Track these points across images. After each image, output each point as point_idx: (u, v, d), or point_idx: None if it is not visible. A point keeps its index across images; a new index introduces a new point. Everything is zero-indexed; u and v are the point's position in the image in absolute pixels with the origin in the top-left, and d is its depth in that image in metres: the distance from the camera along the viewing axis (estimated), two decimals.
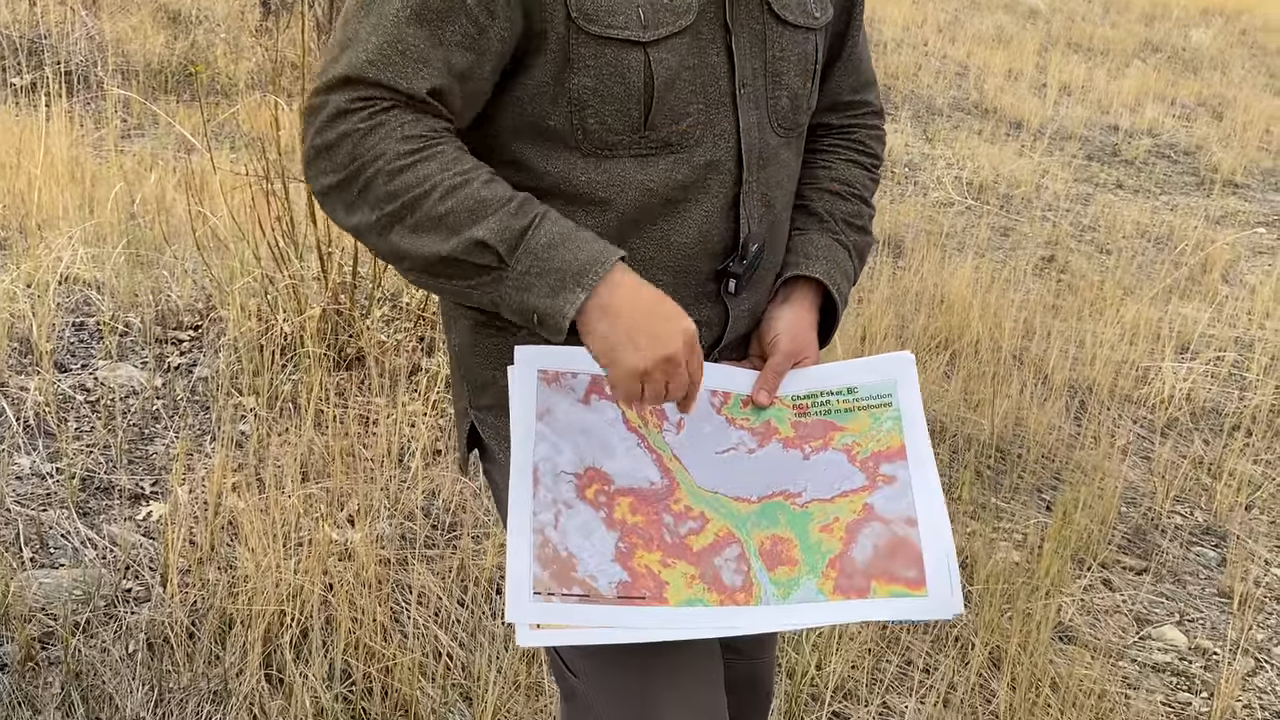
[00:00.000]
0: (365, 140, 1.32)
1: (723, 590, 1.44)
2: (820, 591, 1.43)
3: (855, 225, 1.65)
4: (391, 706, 2.48)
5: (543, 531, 1.42)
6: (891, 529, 1.46)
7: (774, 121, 1.51)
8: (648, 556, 1.44)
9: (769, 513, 1.49)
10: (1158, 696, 2.90)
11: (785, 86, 1.51)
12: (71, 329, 3.85)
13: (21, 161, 4.98)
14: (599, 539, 1.44)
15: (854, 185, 1.66)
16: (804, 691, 2.64)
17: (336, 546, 2.85)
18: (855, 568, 1.44)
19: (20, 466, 3.13)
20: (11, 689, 2.42)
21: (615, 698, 1.53)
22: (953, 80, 9.73)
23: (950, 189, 7.05)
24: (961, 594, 1.44)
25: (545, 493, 1.44)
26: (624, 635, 1.41)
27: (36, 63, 7.06)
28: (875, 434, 1.52)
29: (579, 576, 1.41)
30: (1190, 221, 6.91)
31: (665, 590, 1.43)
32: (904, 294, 5.01)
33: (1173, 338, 5.00)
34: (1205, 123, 9.46)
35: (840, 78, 1.67)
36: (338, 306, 3.71)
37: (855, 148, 1.69)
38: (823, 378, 1.56)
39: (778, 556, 1.46)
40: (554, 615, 1.40)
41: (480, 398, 1.59)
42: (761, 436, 1.52)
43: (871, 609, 1.43)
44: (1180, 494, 3.89)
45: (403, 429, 3.39)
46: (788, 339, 1.55)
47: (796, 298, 1.58)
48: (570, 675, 1.57)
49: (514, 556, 1.41)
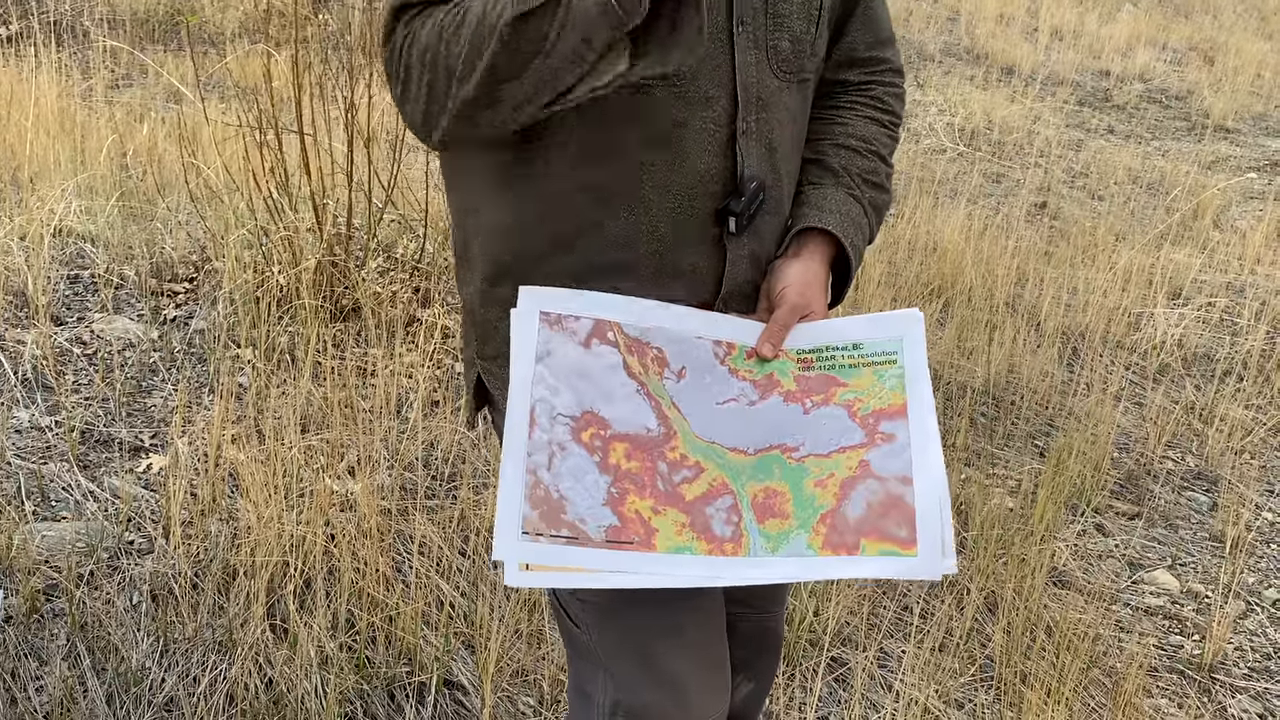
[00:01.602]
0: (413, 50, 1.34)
1: (712, 540, 1.44)
2: (810, 546, 1.43)
3: (872, 182, 1.63)
4: (395, 655, 2.50)
5: (535, 473, 1.43)
6: (886, 487, 1.45)
7: (774, 63, 1.50)
8: (639, 503, 1.44)
9: (765, 465, 1.49)
10: (1150, 640, 2.94)
11: (787, 29, 1.50)
12: (66, 282, 3.85)
13: (11, 113, 4.95)
14: (591, 483, 1.44)
15: (871, 142, 1.64)
16: (803, 638, 2.67)
17: (337, 497, 2.86)
18: (846, 524, 1.44)
19: (19, 420, 3.14)
20: (18, 641, 2.43)
21: (617, 647, 1.55)
22: (944, 25, 9.68)
23: (942, 136, 7.04)
24: (955, 555, 1.43)
25: (540, 434, 1.44)
26: (611, 580, 1.42)
27: (21, 11, 6.99)
28: (878, 391, 1.52)
29: (568, 519, 1.42)
30: (1182, 167, 6.92)
31: (654, 537, 1.43)
32: (896, 242, 5.02)
33: (1165, 284, 5.02)
34: (1196, 67, 9.44)
35: (856, 33, 1.65)
36: (333, 258, 3.71)
37: (874, 104, 1.67)
38: (829, 333, 1.55)
39: (769, 509, 1.46)
40: (541, 556, 1.41)
41: (486, 347, 1.59)
42: (763, 389, 1.52)
43: (859, 566, 1.43)
44: (1172, 439, 3.92)
45: (400, 380, 3.40)
46: (795, 292, 1.53)
47: (807, 251, 1.57)
48: (575, 628, 1.58)
49: (504, 495, 1.42)
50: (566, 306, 1.47)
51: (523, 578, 1.41)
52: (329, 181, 3.83)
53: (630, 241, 1.48)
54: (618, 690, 1.55)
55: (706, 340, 1.52)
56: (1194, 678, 2.83)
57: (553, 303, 1.47)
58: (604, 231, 1.47)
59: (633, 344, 1.49)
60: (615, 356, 1.48)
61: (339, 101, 3.88)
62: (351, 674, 2.43)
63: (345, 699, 2.39)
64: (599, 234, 1.47)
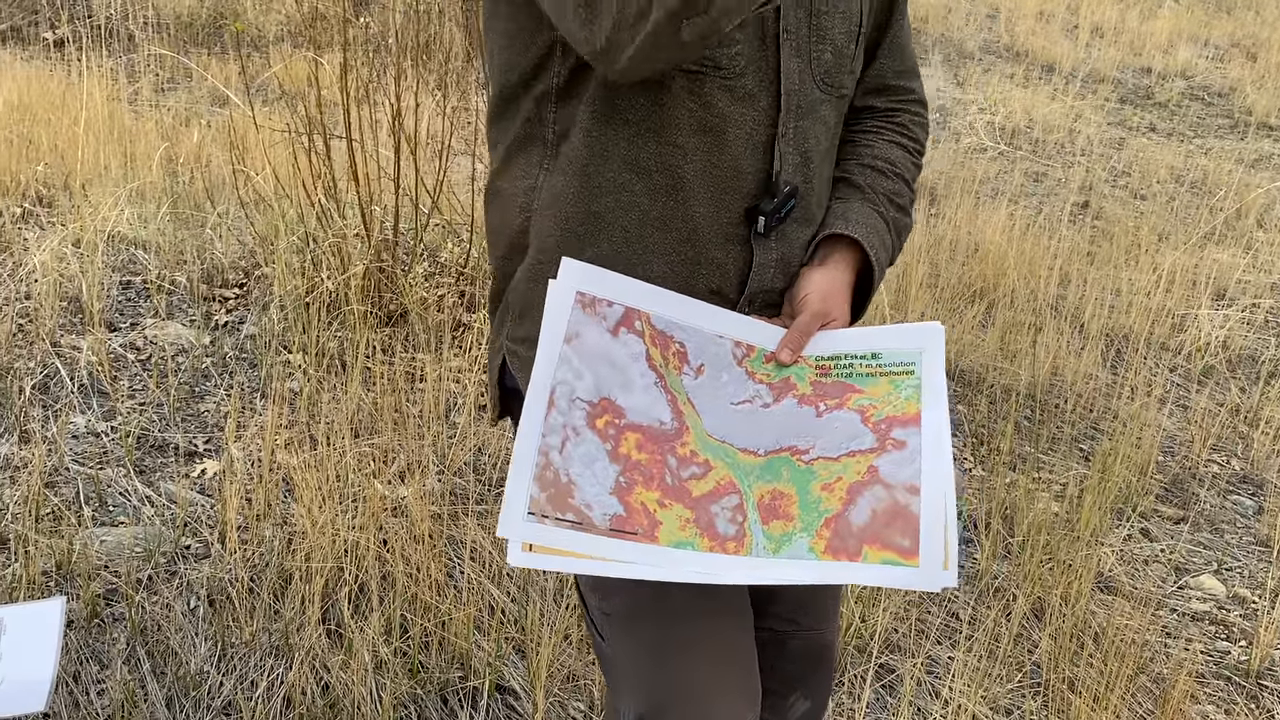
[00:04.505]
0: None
1: (714, 537, 1.44)
2: (811, 550, 1.43)
3: (896, 203, 1.67)
4: (448, 660, 2.54)
5: (547, 454, 1.44)
6: (893, 494, 1.45)
7: (816, 74, 1.54)
8: (646, 494, 1.45)
9: (773, 467, 1.50)
10: (1197, 645, 2.94)
11: (830, 41, 1.55)
12: (119, 288, 3.91)
13: (61, 119, 5.02)
14: (600, 470, 1.45)
15: (896, 165, 1.69)
16: (850, 644, 2.69)
17: (388, 502, 2.90)
18: (850, 530, 1.43)
19: (76, 425, 3.20)
20: (79, 645, 2.49)
21: (637, 658, 1.56)
22: (983, 23, 9.65)
23: (982, 134, 7.02)
24: (956, 569, 1.42)
25: (557, 416, 1.45)
26: (611, 569, 1.42)
27: (68, 16, 7.08)
28: (893, 400, 1.52)
29: (575, 503, 1.43)
30: (1224, 165, 6.87)
31: (658, 530, 1.44)
32: (938, 242, 5.02)
33: (1208, 285, 5.00)
34: (1239, 64, 9.37)
35: (885, 61, 1.70)
36: (380, 264, 3.75)
37: (899, 131, 1.72)
38: (848, 341, 1.57)
39: (775, 510, 1.46)
40: (545, 537, 1.41)
41: (519, 328, 1.62)
42: (778, 392, 1.53)
43: (859, 573, 1.42)
44: (1217, 443, 3.91)
45: (448, 385, 3.44)
46: (818, 299, 1.56)
47: (832, 260, 1.60)
48: (600, 640, 1.61)
49: (514, 474, 1.43)
50: (602, 289, 1.48)
51: (525, 558, 1.41)
52: (375, 187, 3.87)
53: (666, 223, 1.52)
54: (640, 702, 1.56)
55: (728, 340, 1.54)
56: (1241, 684, 2.84)
57: (590, 283, 1.49)
58: (643, 210, 1.52)
59: (657, 336, 1.51)
60: (639, 346, 1.50)
61: (385, 107, 3.92)
62: (405, 679, 2.47)
63: (400, 703, 2.43)
64: (638, 212, 1.52)
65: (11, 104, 5.25)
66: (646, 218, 1.52)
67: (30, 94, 5.38)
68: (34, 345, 3.51)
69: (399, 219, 3.81)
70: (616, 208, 1.53)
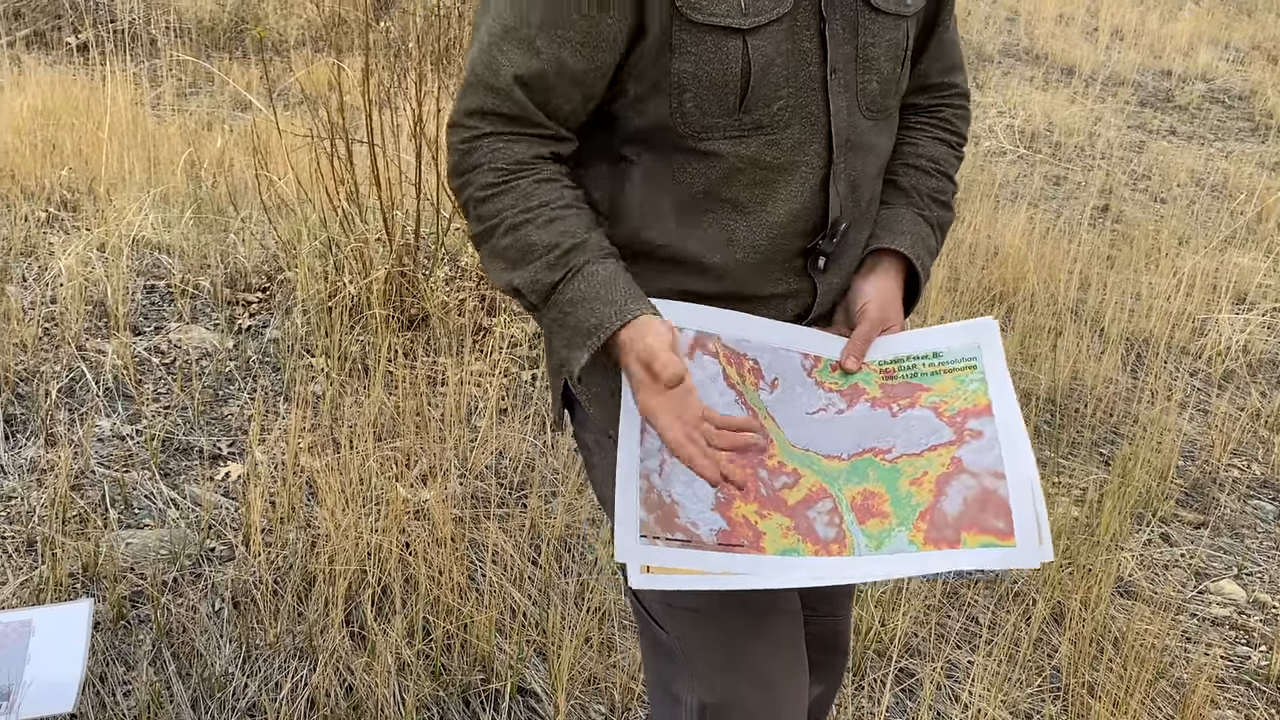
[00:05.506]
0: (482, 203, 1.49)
1: (817, 541, 1.49)
2: (911, 543, 1.47)
3: (939, 201, 1.71)
4: (470, 662, 2.56)
5: (648, 478, 1.49)
6: (980, 481, 1.50)
7: (862, 105, 1.55)
8: (745, 508, 1.50)
9: (859, 469, 1.54)
10: (1217, 650, 2.94)
11: (875, 71, 1.55)
12: (143, 292, 3.94)
13: (85, 123, 5.06)
14: (700, 488, 1.50)
15: (939, 162, 1.72)
16: (870, 648, 2.70)
17: (411, 505, 2.92)
18: (945, 519, 1.48)
19: (102, 429, 3.23)
20: (105, 646, 2.51)
21: (707, 649, 1.60)
22: (1003, 26, 9.64)
23: (1002, 138, 7.02)
24: (1050, 543, 1.47)
25: (651, 440, 1.50)
26: (727, 582, 1.46)
27: (91, 21, 7.13)
28: (961, 394, 1.57)
29: (681, 523, 1.47)
30: (1245, 169, 6.86)
31: (762, 540, 1.48)
32: (958, 246, 5.02)
33: (1229, 289, 4.99)
34: (1260, 66, 9.33)
35: (930, 61, 1.72)
36: (401, 268, 3.78)
37: (942, 126, 1.74)
38: (908, 344, 1.62)
39: (869, 510, 1.51)
40: (660, 558, 1.46)
41: None
42: (850, 398, 1.58)
43: (962, 558, 1.46)
44: (1238, 447, 3.91)
45: (469, 389, 3.46)
46: (875, 308, 1.61)
47: (882, 269, 1.64)
48: (661, 632, 1.63)
49: (622, 500, 1.47)
50: (671, 317, 1.52)
51: (645, 579, 1.46)
52: (396, 191, 3.90)
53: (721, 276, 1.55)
54: (707, 692, 1.61)
55: (795, 353, 1.59)
56: (1261, 689, 2.84)
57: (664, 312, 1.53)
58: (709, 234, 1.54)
59: (731, 355, 1.55)
60: (715, 367, 1.54)
61: (406, 111, 3.95)
62: (428, 681, 2.49)
63: (422, 705, 2.45)
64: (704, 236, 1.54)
65: (36, 109, 5.30)
66: (699, 270, 1.55)
67: (54, 99, 5.42)
68: (60, 349, 3.54)
69: (420, 223, 3.83)
70: (668, 258, 1.56)
